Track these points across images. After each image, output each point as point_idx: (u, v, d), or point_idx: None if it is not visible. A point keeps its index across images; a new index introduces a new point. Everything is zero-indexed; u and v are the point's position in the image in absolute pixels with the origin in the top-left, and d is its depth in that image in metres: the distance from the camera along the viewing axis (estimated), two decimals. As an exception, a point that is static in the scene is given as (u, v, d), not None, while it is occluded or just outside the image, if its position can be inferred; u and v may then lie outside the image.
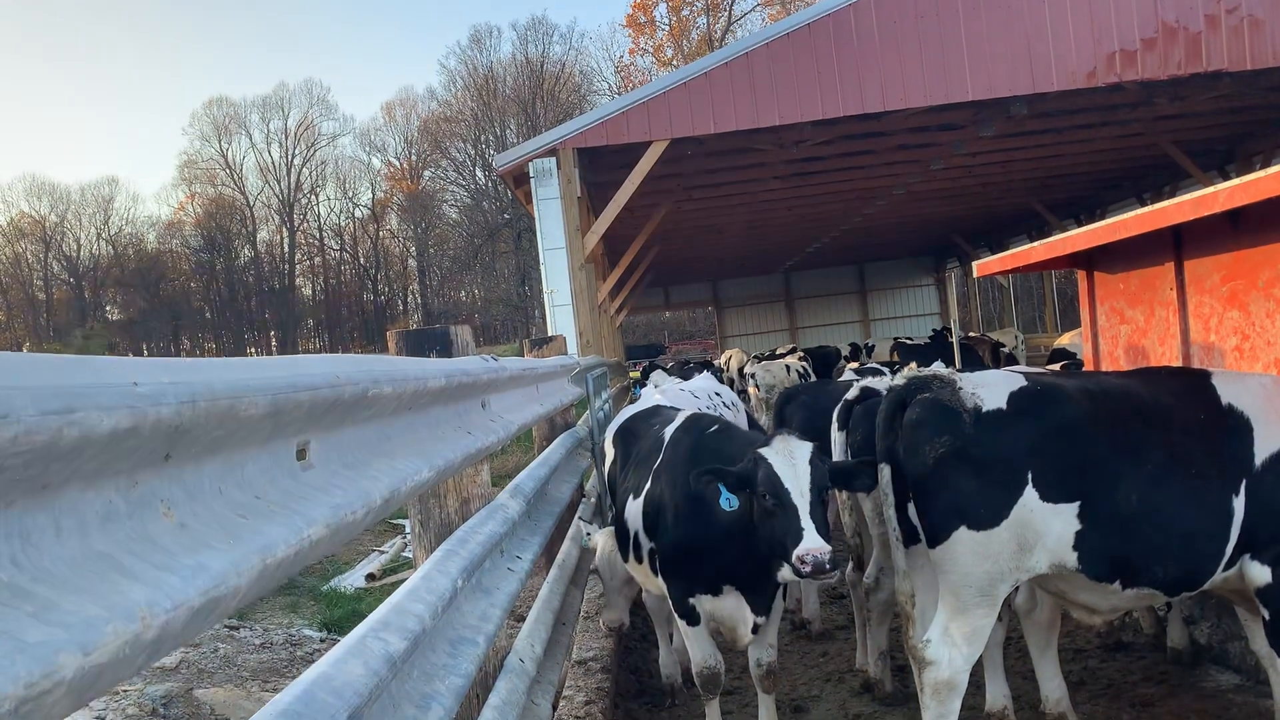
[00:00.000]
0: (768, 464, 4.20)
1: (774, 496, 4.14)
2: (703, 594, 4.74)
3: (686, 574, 4.76)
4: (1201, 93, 18.14)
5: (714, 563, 4.63)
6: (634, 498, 5.19)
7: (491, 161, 39.60)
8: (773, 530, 4.16)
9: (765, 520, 4.20)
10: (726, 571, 4.63)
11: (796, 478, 4.15)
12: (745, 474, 4.25)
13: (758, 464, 4.22)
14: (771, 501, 4.14)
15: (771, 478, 4.16)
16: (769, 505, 4.16)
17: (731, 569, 4.61)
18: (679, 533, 4.71)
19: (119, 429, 1.10)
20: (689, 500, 4.64)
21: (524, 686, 3.66)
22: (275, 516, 1.57)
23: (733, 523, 4.41)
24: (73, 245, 76.00)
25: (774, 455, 4.23)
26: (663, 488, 4.90)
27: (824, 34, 16.18)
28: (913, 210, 30.05)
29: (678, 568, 4.80)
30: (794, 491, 4.12)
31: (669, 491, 4.83)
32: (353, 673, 1.85)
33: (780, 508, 4.12)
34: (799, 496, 4.11)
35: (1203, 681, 5.38)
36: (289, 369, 1.69)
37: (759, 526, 4.25)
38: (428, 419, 2.87)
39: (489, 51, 73.54)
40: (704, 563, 4.66)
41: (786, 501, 4.11)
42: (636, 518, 5.11)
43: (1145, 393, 4.22)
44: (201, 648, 7.21)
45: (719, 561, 4.61)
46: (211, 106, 77.86)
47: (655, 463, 5.07)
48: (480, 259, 71.86)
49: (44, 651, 0.93)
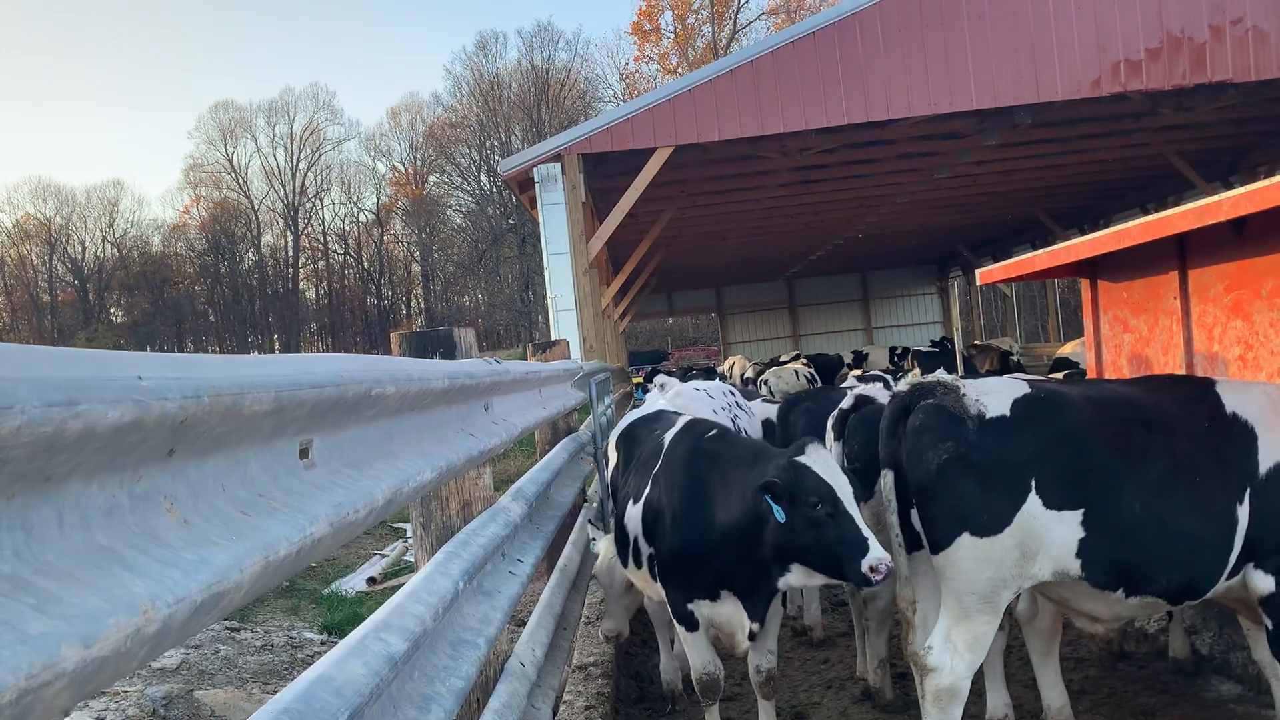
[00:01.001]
0: (813, 473, 4.09)
1: (828, 505, 4.03)
2: (701, 599, 4.71)
3: (685, 579, 4.73)
4: (1206, 103, 18.15)
5: (711, 568, 4.59)
6: (634, 503, 5.16)
7: (496, 167, 39.77)
8: (825, 540, 4.04)
9: (811, 529, 4.06)
10: (724, 577, 4.59)
11: (841, 485, 4.09)
12: (789, 484, 4.11)
13: (800, 473, 4.10)
14: (825, 510, 4.03)
15: (822, 485, 4.06)
16: (820, 514, 4.03)
17: (729, 575, 4.57)
18: (677, 538, 4.68)
19: (123, 422, 1.10)
20: (686, 505, 4.62)
21: (524, 690, 3.65)
22: (278, 514, 1.57)
23: (729, 528, 4.37)
24: (77, 248, 76.16)
25: (814, 463, 4.13)
26: (661, 492, 4.87)
27: (829, 42, 16.22)
28: (916, 218, 30.07)
29: (676, 573, 4.77)
30: (845, 500, 4.04)
31: (667, 496, 4.80)
32: (354, 673, 1.84)
33: (836, 517, 4.01)
34: (850, 505, 4.04)
35: (1204, 691, 5.37)
36: (293, 367, 1.69)
37: (800, 535, 4.11)
38: (431, 420, 2.87)
39: (495, 57, 73.73)
40: (702, 568, 4.63)
41: (842, 510, 4.02)
42: (636, 523, 5.09)
43: (1149, 401, 4.21)
44: (202, 649, 7.21)
45: (716, 567, 4.57)
46: (217, 110, 78.14)
47: (655, 467, 5.04)
48: (484, 264, 71.94)
49: (46, 643, 0.93)
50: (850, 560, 3.95)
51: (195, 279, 77.01)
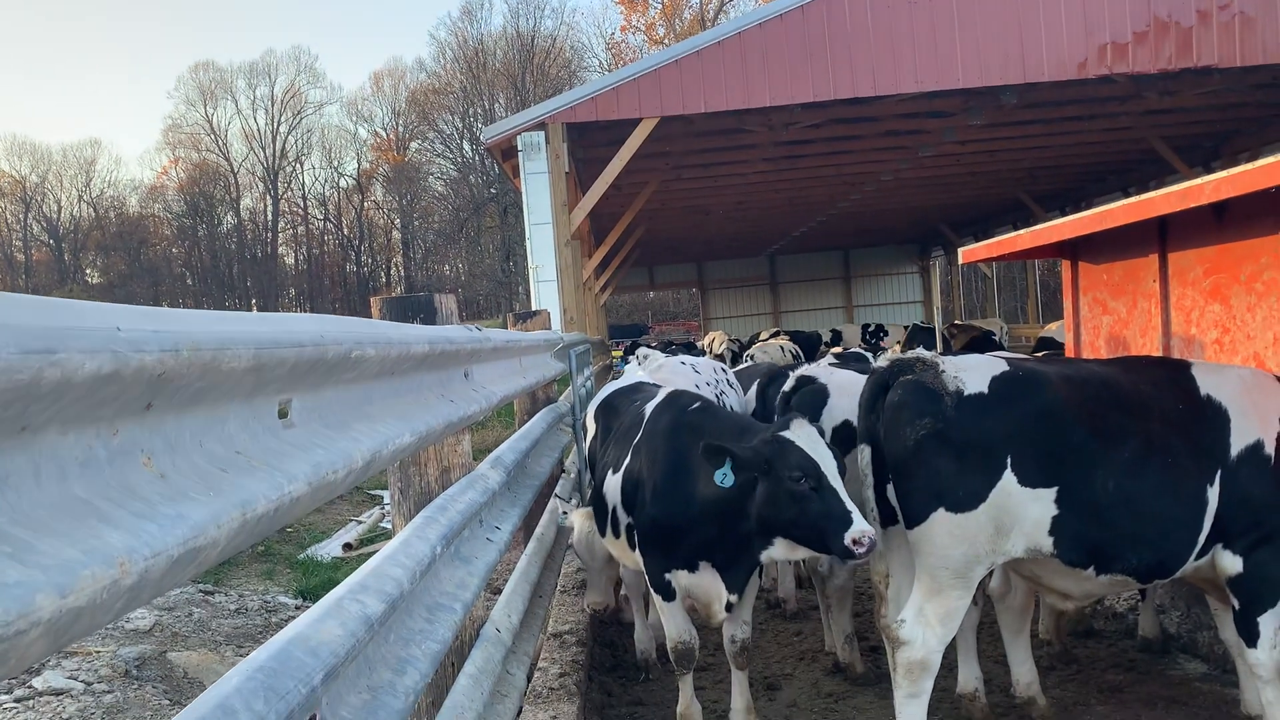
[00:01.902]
0: (798, 448, 4.10)
1: (812, 479, 4.04)
2: (679, 570, 4.72)
3: (663, 550, 4.74)
4: (1191, 88, 18.21)
5: (691, 540, 4.60)
6: (613, 472, 5.15)
7: (479, 135, 39.47)
8: (809, 513, 4.06)
9: (795, 503, 4.08)
10: (703, 548, 4.60)
11: (826, 460, 4.09)
12: (765, 456, 4.14)
13: (784, 447, 4.12)
14: (808, 484, 4.04)
15: (806, 460, 4.07)
16: (803, 488, 4.05)
17: (709, 546, 4.58)
18: (657, 509, 4.68)
19: (101, 373, 1.09)
20: (667, 476, 4.62)
21: (500, 656, 3.66)
22: (256, 472, 1.56)
23: (711, 500, 4.37)
24: (53, 207, 75.27)
25: (799, 439, 4.14)
26: (641, 463, 4.87)
27: (817, 16, 16.15)
28: (900, 197, 30.10)
29: (655, 543, 4.77)
30: (829, 474, 4.05)
31: (648, 467, 4.80)
32: (330, 633, 1.84)
33: (820, 491, 4.03)
34: (834, 479, 4.05)
35: (1170, 669, 5.45)
36: (273, 326, 1.68)
37: (783, 509, 4.14)
38: (410, 384, 2.86)
39: (480, 24, 73.03)
40: (681, 539, 4.63)
41: (826, 485, 4.03)
42: (615, 492, 5.09)
43: (1125, 381, 4.25)
44: (175, 611, 7.20)
45: (696, 539, 4.59)
46: (197, 71, 77.14)
47: (635, 438, 5.03)
48: (465, 233, 71.56)
49: (21, 592, 0.92)
50: (834, 534, 3.96)
51: (173, 241, 76.30)
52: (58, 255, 74.43)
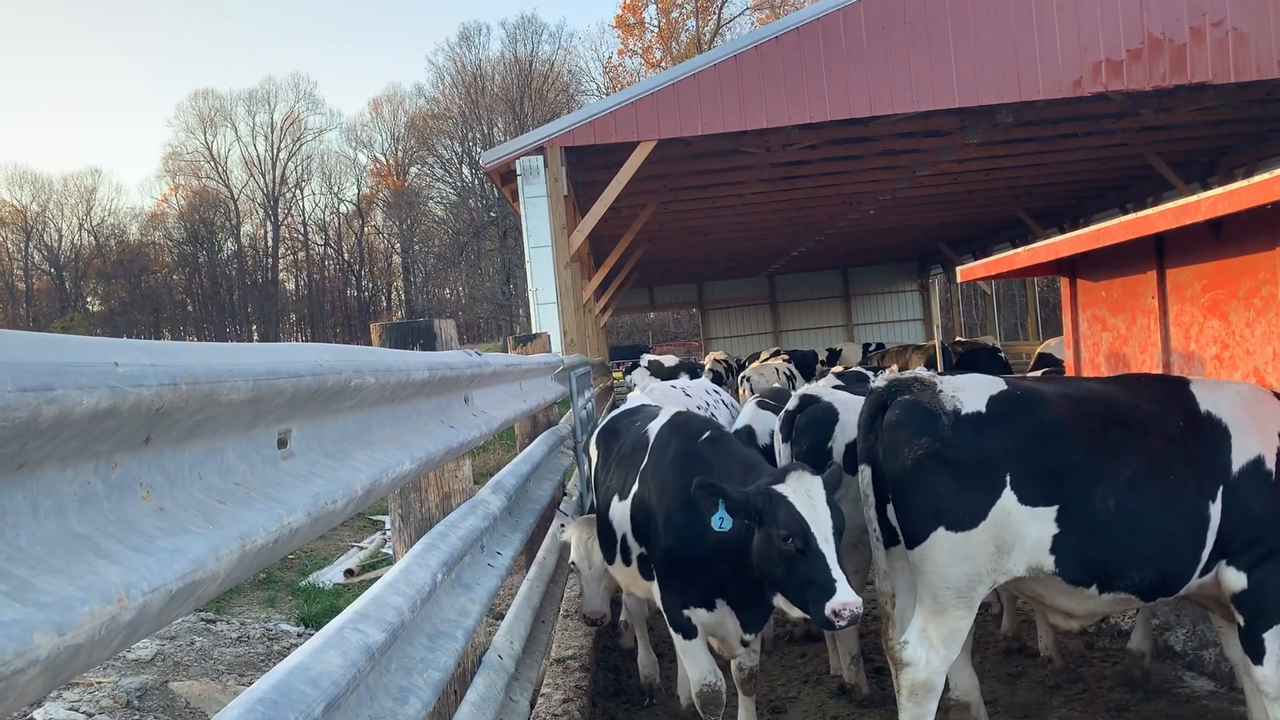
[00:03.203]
0: (789, 504, 3.91)
1: (799, 540, 3.87)
2: (697, 607, 4.56)
3: (681, 586, 4.57)
4: (1186, 104, 18.27)
5: (707, 576, 4.45)
6: (619, 498, 5.01)
7: (478, 159, 39.60)
8: (795, 576, 3.90)
9: (782, 562, 3.93)
10: (719, 586, 4.45)
11: (819, 521, 3.89)
12: (756, 506, 3.98)
13: (775, 502, 3.94)
14: (795, 545, 3.87)
15: (795, 519, 3.88)
16: (790, 548, 3.88)
17: (723, 585, 4.43)
18: (673, 544, 4.52)
19: (99, 409, 1.09)
20: (682, 510, 4.45)
21: (502, 683, 3.65)
22: (255, 503, 1.56)
23: (721, 540, 4.19)
24: (54, 235, 75.39)
25: (793, 494, 3.94)
26: (652, 492, 4.72)
27: (812, 38, 16.23)
28: (898, 216, 30.16)
29: (672, 579, 4.61)
30: (819, 536, 3.86)
31: (659, 498, 4.64)
32: (330, 663, 1.84)
33: (806, 554, 3.85)
34: (824, 542, 3.85)
35: (1177, 688, 5.42)
36: (271, 356, 1.68)
37: (772, 566, 3.98)
38: (410, 411, 2.86)
39: (478, 49, 73.46)
40: (698, 575, 4.48)
41: (813, 548, 3.84)
42: (624, 520, 4.94)
43: (1125, 399, 4.25)
44: (177, 640, 7.17)
45: (710, 577, 4.44)
46: (197, 99, 77.52)
47: (641, 463, 4.89)
48: (465, 257, 71.72)
49: (18, 630, 0.92)
50: (815, 601, 3.80)
51: (173, 268, 76.39)
52: (59, 284, 74.53)
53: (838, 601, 3.72)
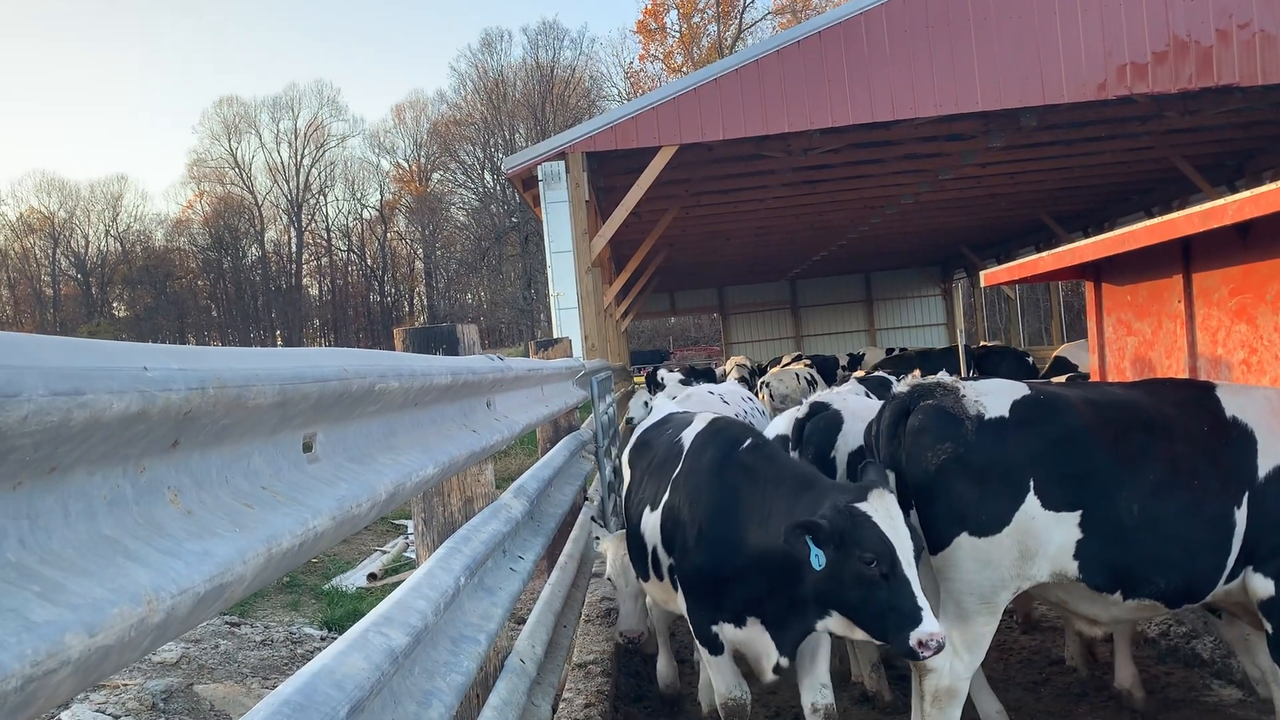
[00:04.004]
0: (873, 525, 3.65)
1: (884, 564, 3.61)
2: (725, 623, 4.33)
3: (708, 600, 4.33)
4: (1212, 107, 18.14)
5: (738, 593, 4.19)
6: (650, 509, 4.75)
7: (500, 165, 39.79)
8: (875, 601, 3.65)
9: (860, 587, 3.67)
10: (752, 603, 4.19)
11: (902, 543, 3.64)
12: (839, 530, 3.67)
13: (858, 523, 3.66)
14: (878, 569, 3.61)
15: (881, 542, 3.62)
16: (872, 573, 3.62)
17: (758, 603, 4.16)
18: (702, 556, 4.27)
19: (128, 413, 1.10)
20: (714, 520, 4.24)
21: (524, 687, 3.65)
22: (281, 507, 1.57)
23: (761, 553, 4.00)
24: (81, 242, 76.23)
25: (876, 514, 3.67)
26: (682, 500, 4.47)
27: (835, 42, 16.21)
28: (920, 220, 30.06)
29: (699, 592, 4.37)
30: (904, 561, 3.62)
31: (689, 506, 4.39)
32: (355, 666, 1.84)
33: (890, 579, 3.61)
34: (908, 566, 3.62)
35: (1204, 696, 5.36)
36: (297, 360, 1.69)
37: (845, 589, 3.72)
38: (433, 415, 2.87)
39: (499, 55, 73.75)
40: (727, 591, 4.23)
41: (898, 573, 3.61)
42: (654, 531, 4.69)
43: (1149, 403, 4.22)
44: (202, 643, 7.22)
45: (744, 593, 4.18)
46: (221, 106, 78.20)
47: (674, 472, 4.63)
48: (487, 262, 71.98)
49: (51, 631, 0.93)
50: (899, 629, 3.58)
51: (198, 274, 77.07)
52: (85, 289, 75.33)
53: (924, 631, 3.52)
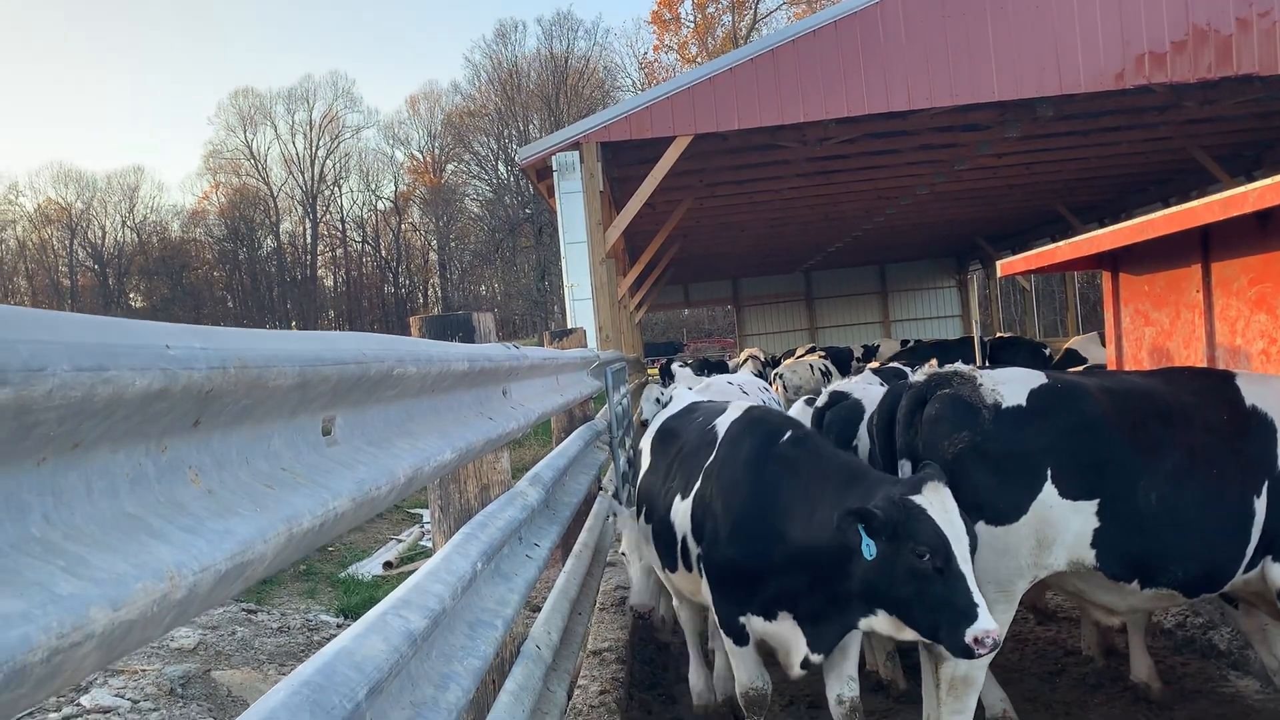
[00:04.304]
0: (929, 518, 3.55)
1: (939, 558, 3.51)
2: (754, 615, 4.23)
3: (738, 592, 4.22)
4: (1231, 96, 17.98)
5: (772, 587, 4.08)
6: (681, 498, 4.62)
7: (514, 156, 39.86)
8: (928, 597, 3.55)
9: (913, 582, 3.57)
10: (787, 598, 4.07)
11: (958, 537, 3.55)
12: (892, 521, 3.58)
13: (912, 515, 3.56)
14: (934, 563, 3.52)
15: (936, 535, 3.52)
16: (926, 567, 3.53)
17: (793, 597, 4.05)
18: (735, 548, 4.15)
19: (150, 390, 1.11)
20: (751, 512, 4.13)
21: (540, 673, 3.66)
22: (301, 488, 1.58)
23: (804, 548, 3.88)
24: (98, 233, 76.64)
25: (931, 506, 3.58)
26: (714, 488, 4.35)
27: (850, 32, 16.13)
28: (936, 211, 29.94)
29: (728, 584, 4.26)
30: (959, 555, 3.52)
31: (724, 497, 4.27)
32: (374, 648, 1.85)
33: (944, 574, 3.51)
34: (964, 561, 3.52)
35: (1221, 687, 5.34)
36: (317, 344, 1.70)
37: (898, 584, 3.62)
38: (450, 402, 2.88)
39: (514, 46, 73.66)
40: (760, 584, 4.11)
41: (953, 568, 3.50)
42: (685, 520, 4.55)
43: (1167, 392, 4.20)
44: (219, 630, 7.27)
45: (778, 587, 4.06)
46: (237, 97, 78.38)
47: (707, 461, 4.51)
48: (501, 253, 72.04)
49: (75, 604, 0.94)
50: (952, 626, 3.49)
51: (214, 265, 77.40)
52: (102, 280, 75.77)
53: (979, 629, 3.42)
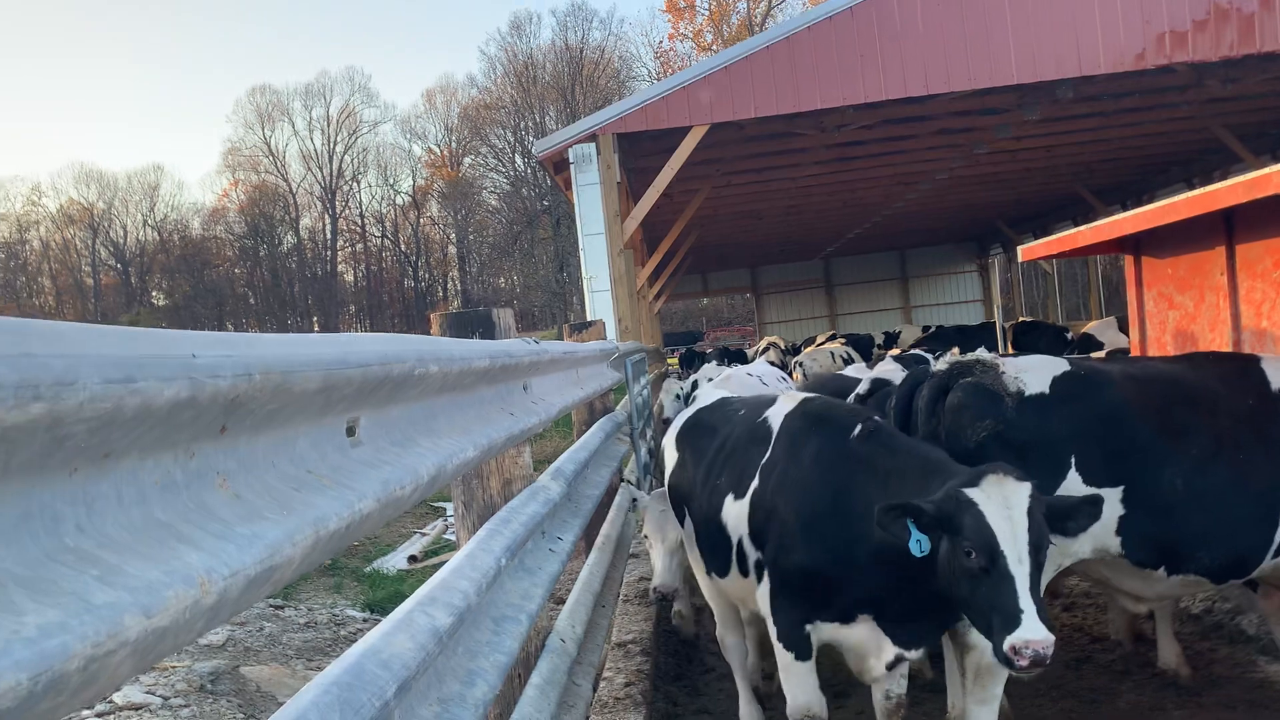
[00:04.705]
0: (978, 512, 3.30)
1: (983, 557, 3.27)
2: (826, 621, 3.91)
3: (809, 598, 3.92)
4: (1254, 75, 17.76)
5: (853, 589, 3.80)
6: (735, 498, 4.31)
7: (531, 148, 40.02)
8: (978, 598, 3.32)
9: (966, 580, 3.34)
10: (868, 600, 3.81)
11: (1014, 535, 3.26)
12: (943, 514, 3.36)
13: (963, 509, 3.33)
14: (978, 562, 3.28)
15: (983, 531, 3.27)
16: (973, 565, 3.29)
17: (879, 599, 3.79)
18: (810, 552, 3.84)
19: (178, 399, 1.12)
20: (826, 517, 3.84)
21: (565, 666, 3.69)
22: (327, 490, 1.59)
23: (892, 548, 3.54)
24: (119, 232, 77.28)
25: (985, 500, 3.32)
26: (777, 490, 4.05)
27: (866, 17, 16.02)
28: (955, 195, 29.75)
29: (797, 592, 3.96)
30: (1010, 556, 3.24)
31: (792, 499, 3.96)
32: (400, 646, 1.87)
33: (990, 574, 3.26)
34: (1016, 562, 3.24)
35: (1250, 673, 5.31)
36: (340, 346, 1.71)
37: (956, 583, 3.39)
38: (472, 399, 2.90)
39: (529, 38, 73.70)
40: (837, 588, 3.83)
41: (1000, 568, 3.24)
42: (739, 522, 4.24)
43: (1192, 378, 4.17)
44: (247, 626, 7.34)
45: (860, 588, 3.79)
46: (255, 94, 78.76)
47: (762, 457, 4.21)
48: (519, 245, 72.16)
49: (110, 613, 0.96)
50: (995, 631, 3.25)
51: (235, 262, 77.90)
52: (125, 279, 76.43)
53: (1019, 638, 3.14)
